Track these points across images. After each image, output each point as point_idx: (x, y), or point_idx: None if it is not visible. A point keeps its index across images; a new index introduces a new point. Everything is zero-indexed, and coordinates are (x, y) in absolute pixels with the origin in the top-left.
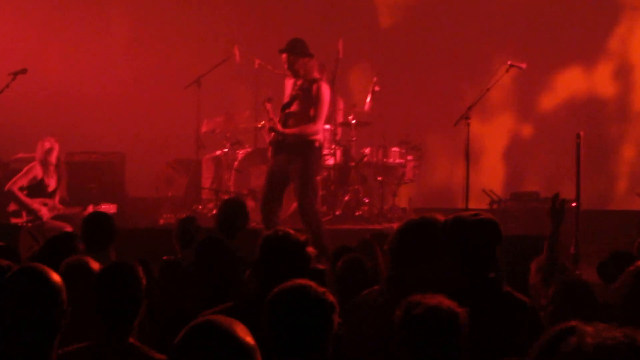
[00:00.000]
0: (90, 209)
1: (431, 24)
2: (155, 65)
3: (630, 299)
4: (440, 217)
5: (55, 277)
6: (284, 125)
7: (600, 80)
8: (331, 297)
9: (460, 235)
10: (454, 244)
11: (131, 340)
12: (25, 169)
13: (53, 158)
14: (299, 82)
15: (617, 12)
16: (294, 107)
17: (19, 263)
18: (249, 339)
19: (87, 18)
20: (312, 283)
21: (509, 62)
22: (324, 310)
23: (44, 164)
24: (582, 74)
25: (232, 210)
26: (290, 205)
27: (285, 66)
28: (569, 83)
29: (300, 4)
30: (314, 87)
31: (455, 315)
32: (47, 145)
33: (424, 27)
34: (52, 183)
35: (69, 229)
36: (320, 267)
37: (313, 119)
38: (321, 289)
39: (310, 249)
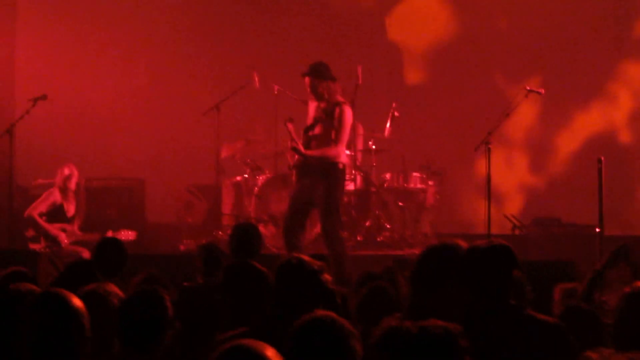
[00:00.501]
0: (109, 235)
1: (450, 49)
2: (174, 91)
3: (620, 320)
4: (462, 243)
5: (77, 303)
6: (306, 148)
7: (622, 106)
8: (353, 329)
9: (475, 264)
10: (469, 272)
11: None
12: (44, 195)
13: (72, 184)
14: (322, 105)
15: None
16: (317, 130)
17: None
18: None
19: (108, 44)
20: (333, 314)
21: (527, 87)
22: (347, 342)
23: (64, 190)
24: (603, 100)
25: (246, 235)
26: (313, 230)
27: (309, 90)
28: (590, 109)
29: (319, 30)
30: (337, 110)
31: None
32: (66, 171)
33: (443, 53)
34: (71, 209)
35: (86, 254)
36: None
37: (335, 142)
38: (344, 320)
39: (327, 276)
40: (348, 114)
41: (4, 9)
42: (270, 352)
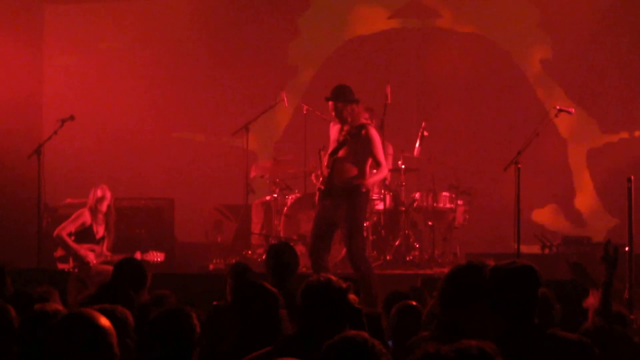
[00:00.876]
0: (138, 255)
1: (479, 68)
2: (203, 111)
3: None
4: (490, 262)
5: (104, 322)
6: (331, 170)
7: None
8: (384, 349)
9: (498, 284)
10: (493, 292)
11: None
12: (74, 215)
13: (104, 206)
14: (346, 128)
15: None
16: (342, 153)
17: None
18: None
19: (135, 64)
20: (364, 334)
21: (557, 107)
22: None
23: (94, 211)
24: (632, 118)
25: (284, 255)
26: (342, 250)
27: (333, 114)
28: (620, 127)
29: (348, 50)
30: (363, 132)
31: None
32: (99, 193)
33: (471, 72)
34: (100, 230)
35: None
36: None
37: (378, 165)
38: (376, 341)
39: (353, 296)
40: (374, 132)
41: (31, 31)
42: None
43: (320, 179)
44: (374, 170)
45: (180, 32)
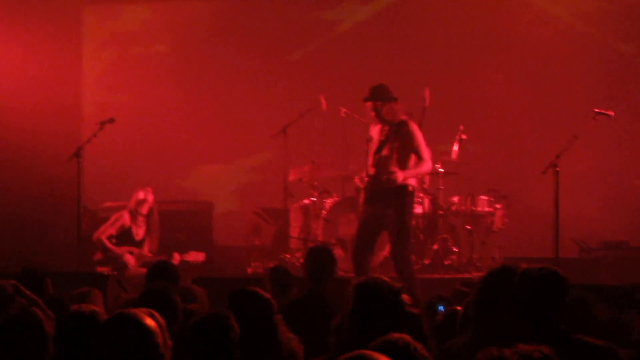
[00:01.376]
0: (176, 257)
1: (518, 72)
2: (242, 115)
3: None
4: (525, 266)
5: (150, 322)
6: (376, 169)
7: None
8: (426, 353)
9: (524, 289)
10: (520, 297)
11: None
12: (113, 218)
13: (144, 209)
14: (386, 127)
15: None
16: (385, 152)
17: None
18: None
19: (174, 67)
20: (409, 337)
21: (595, 110)
22: None
23: (134, 213)
24: None
25: (322, 259)
26: (380, 254)
27: (372, 114)
28: None
29: (386, 53)
30: (404, 128)
31: None
32: (140, 195)
33: (510, 75)
34: (140, 233)
35: None
36: (415, 311)
37: (421, 159)
38: (418, 344)
39: (405, 297)
40: (415, 127)
41: (70, 34)
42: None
43: (366, 179)
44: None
45: (218, 34)
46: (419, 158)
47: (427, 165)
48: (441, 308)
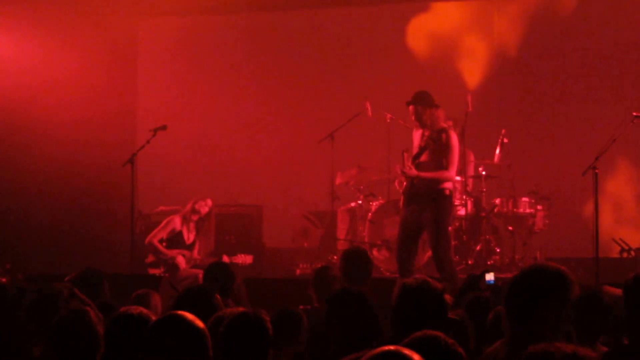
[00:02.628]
0: (225, 259)
1: (556, 75)
2: (290, 120)
3: None
4: (554, 265)
5: (200, 324)
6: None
7: None
8: (459, 349)
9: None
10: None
11: None
12: (164, 222)
13: (196, 217)
14: (427, 133)
15: None
16: (423, 158)
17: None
18: None
19: (224, 75)
20: (441, 334)
21: (634, 113)
22: None
23: (186, 218)
24: None
25: (356, 260)
26: (424, 255)
27: (413, 118)
28: None
29: (429, 60)
30: (443, 135)
31: None
32: (197, 207)
33: (550, 79)
34: (190, 237)
35: (202, 275)
36: (456, 317)
37: (445, 167)
38: (450, 340)
39: (448, 297)
40: (454, 138)
41: (126, 42)
42: (417, 357)
43: (404, 184)
44: (458, 177)
45: (267, 42)
46: (444, 167)
47: (445, 174)
48: (491, 280)
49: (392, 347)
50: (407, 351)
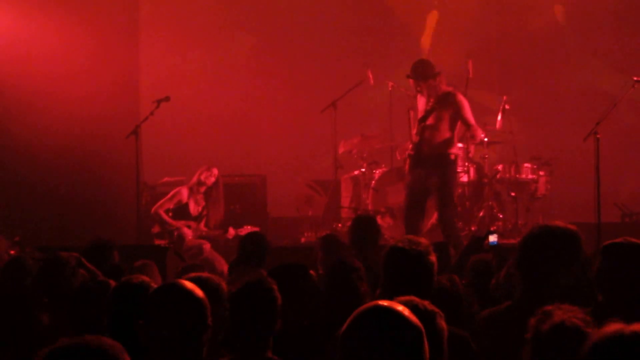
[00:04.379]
0: (231, 231)
1: (557, 42)
2: (293, 90)
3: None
4: (560, 224)
5: (198, 292)
6: (421, 137)
7: None
8: (435, 308)
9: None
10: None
11: (270, 354)
12: (171, 193)
13: (203, 188)
14: (432, 98)
15: None
16: (430, 120)
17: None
18: (417, 320)
19: (228, 46)
20: (415, 298)
21: (635, 78)
22: (432, 323)
23: (193, 190)
24: None
25: (364, 226)
26: (428, 221)
27: (416, 89)
28: None
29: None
30: (450, 98)
31: (580, 334)
32: (203, 177)
33: (550, 46)
34: (198, 209)
35: (207, 246)
36: (447, 281)
37: (469, 127)
38: (425, 302)
39: (432, 258)
40: (462, 97)
41: (127, 13)
42: (406, 310)
43: (405, 153)
44: (460, 144)
45: (270, 12)
46: (467, 126)
47: (477, 132)
48: (494, 241)
49: (385, 302)
50: (393, 305)
